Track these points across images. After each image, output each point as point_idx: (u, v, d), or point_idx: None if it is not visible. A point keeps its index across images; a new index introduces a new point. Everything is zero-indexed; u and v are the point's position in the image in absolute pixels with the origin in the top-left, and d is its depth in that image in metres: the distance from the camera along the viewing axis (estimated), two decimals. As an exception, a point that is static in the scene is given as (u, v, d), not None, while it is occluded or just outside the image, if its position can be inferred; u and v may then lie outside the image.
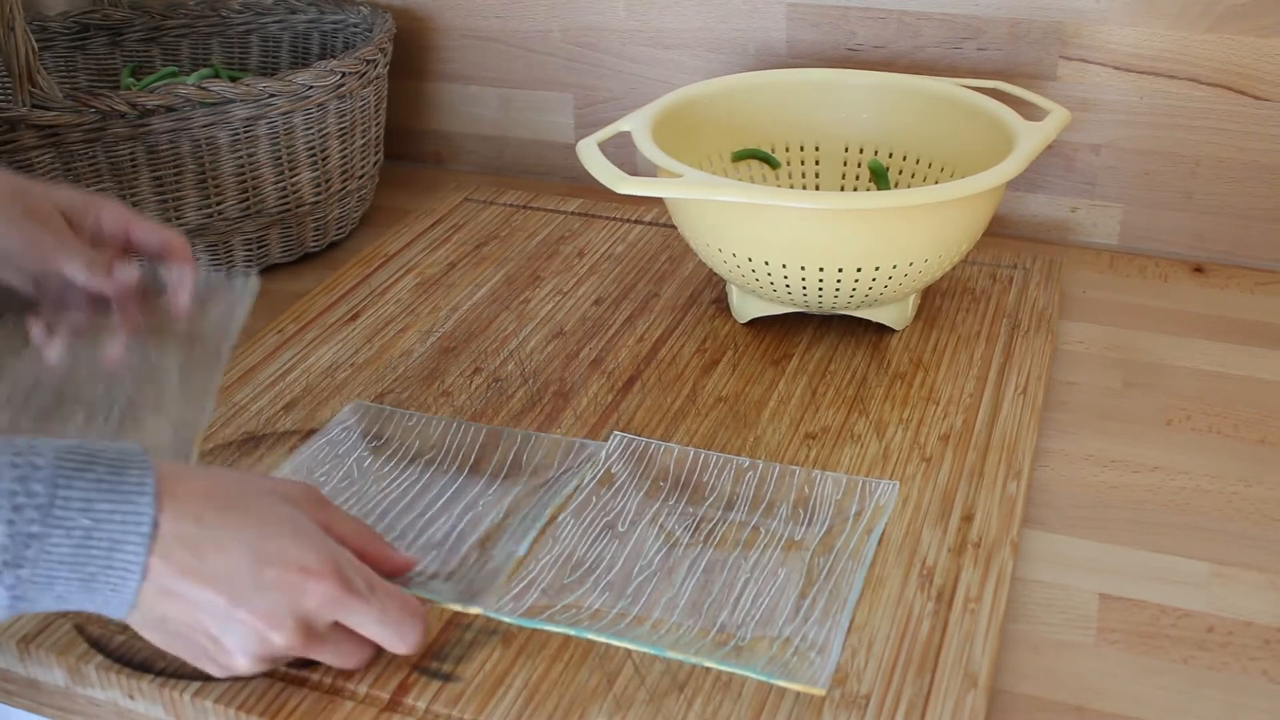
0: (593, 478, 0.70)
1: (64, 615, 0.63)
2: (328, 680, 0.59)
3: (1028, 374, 0.81)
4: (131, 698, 0.60)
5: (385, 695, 0.58)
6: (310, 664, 0.59)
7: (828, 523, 0.67)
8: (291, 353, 0.84)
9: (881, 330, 0.86)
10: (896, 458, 0.73)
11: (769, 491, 0.70)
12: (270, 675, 0.59)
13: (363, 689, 0.58)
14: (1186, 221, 1.00)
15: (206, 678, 0.59)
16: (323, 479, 0.71)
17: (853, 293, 0.79)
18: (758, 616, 0.61)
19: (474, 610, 0.61)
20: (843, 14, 1.02)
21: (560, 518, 0.67)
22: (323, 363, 0.83)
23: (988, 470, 0.72)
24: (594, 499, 0.69)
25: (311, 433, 0.75)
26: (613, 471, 0.71)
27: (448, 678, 0.59)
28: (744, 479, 0.70)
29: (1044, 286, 0.91)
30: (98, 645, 0.61)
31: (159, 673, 0.59)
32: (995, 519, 0.68)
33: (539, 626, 0.60)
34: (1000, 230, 1.04)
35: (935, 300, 0.90)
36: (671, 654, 0.58)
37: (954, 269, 0.93)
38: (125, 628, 0.62)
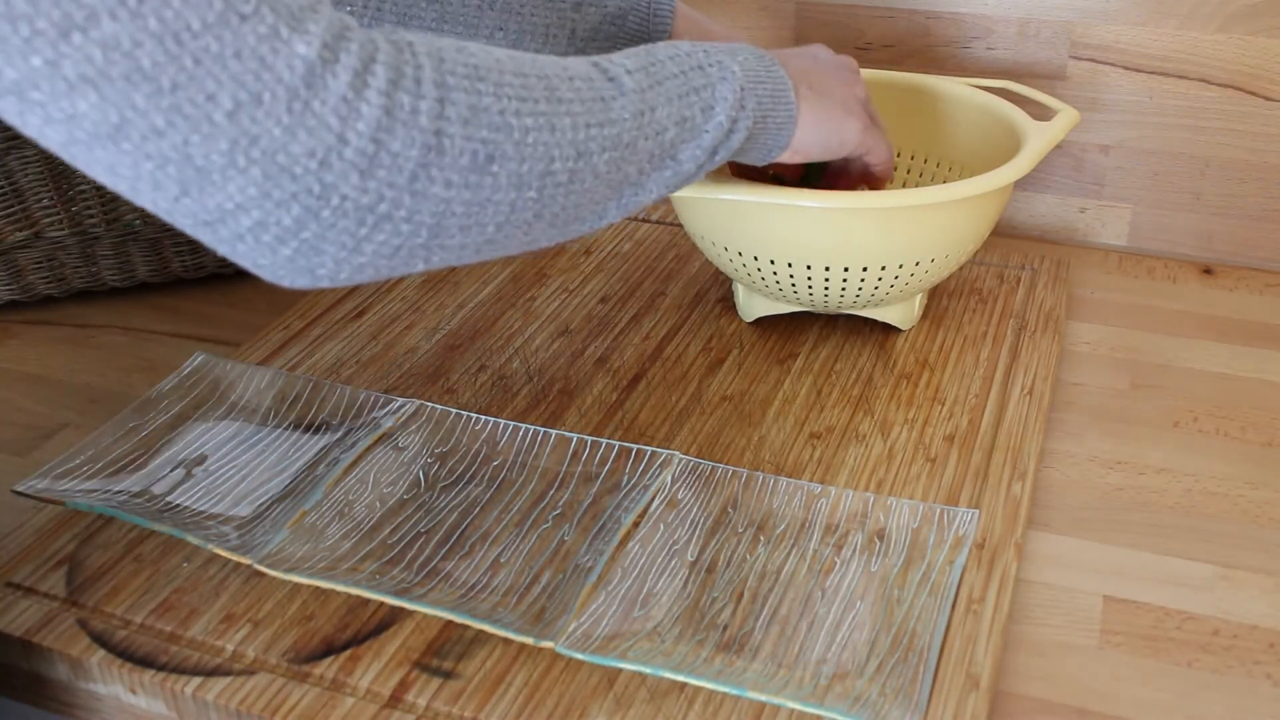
0: (660, 502, 0.68)
1: (65, 611, 0.63)
2: (329, 676, 0.59)
3: (1034, 375, 0.80)
4: (133, 692, 0.60)
5: (386, 692, 0.58)
6: (314, 659, 0.59)
7: (905, 553, 0.65)
8: (297, 349, 0.85)
9: (888, 330, 0.86)
10: (901, 458, 0.73)
11: (841, 520, 0.67)
12: (272, 671, 0.59)
13: (364, 685, 0.58)
14: (1195, 222, 0.99)
15: (207, 673, 0.59)
16: (389, 490, 0.70)
17: (859, 292, 0.79)
18: (838, 654, 0.59)
19: (545, 645, 0.59)
20: (852, 13, 1.02)
21: (629, 545, 0.65)
22: (328, 359, 0.83)
23: (993, 471, 0.71)
24: (661, 526, 0.66)
25: (325, 426, 0.75)
26: (679, 497, 0.69)
27: (448, 675, 0.59)
28: (815, 505, 0.68)
29: (1051, 287, 0.91)
30: (100, 640, 0.61)
31: (161, 667, 0.59)
32: (1000, 520, 0.67)
33: (612, 664, 0.57)
34: (1008, 230, 1.04)
35: (942, 300, 0.89)
36: (753, 695, 0.56)
37: (961, 269, 0.93)
38: (127, 623, 0.62)
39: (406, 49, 0.47)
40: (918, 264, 0.77)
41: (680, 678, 0.57)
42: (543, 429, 0.74)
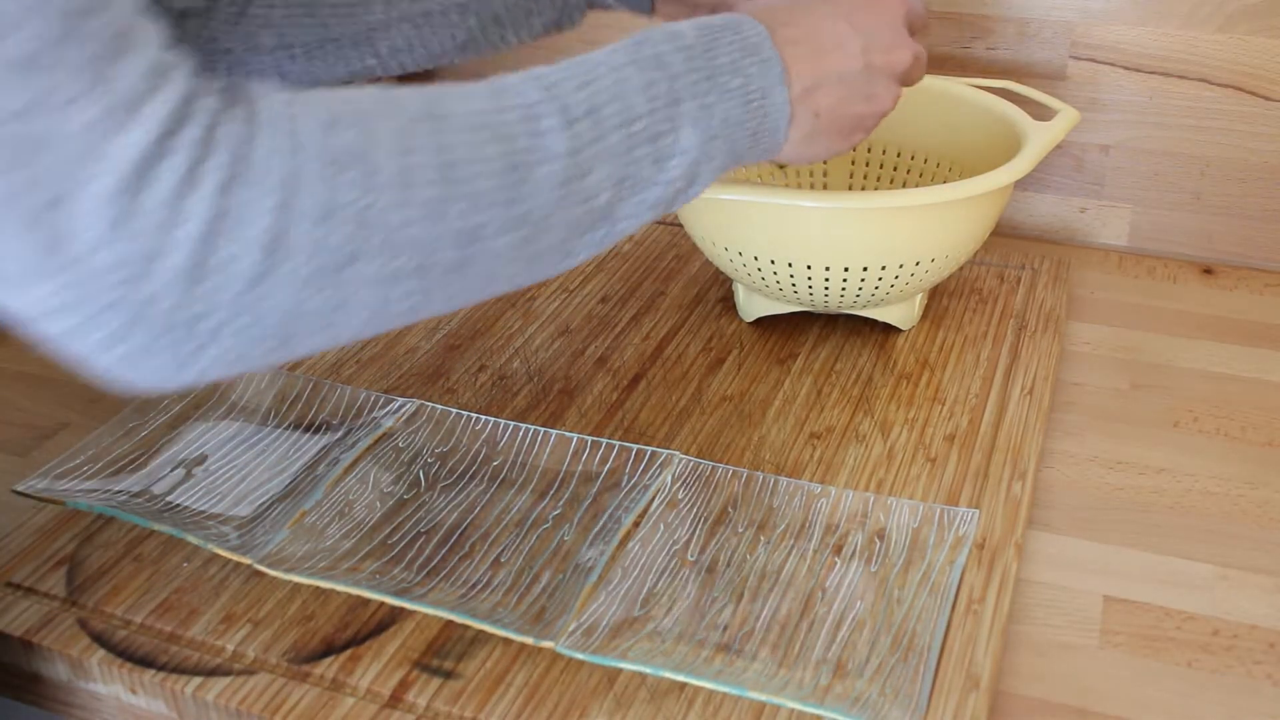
0: (660, 502, 0.68)
1: (66, 611, 0.63)
2: (329, 676, 0.59)
3: (1034, 375, 0.80)
4: (134, 692, 0.60)
5: (386, 692, 0.58)
6: (314, 659, 0.59)
7: (905, 554, 0.65)
8: (297, 349, 0.84)
9: (888, 330, 0.86)
10: (901, 458, 0.73)
11: (842, 520, 0.67)
12: (272, 671, 0.59)
13: (364, 685, 0.58)
14: (1196, 222, 0.99)
15: (207, 673, 0.59)
16: (389, 490, 0.70)
17: (859, 292, 0.79)
18: (838, 654, 0.59)
19: (545, 645, 0.59)
20: (852, 12, 1.02)
21: (629, 545, 0.65)
22: (328, 359, 0.83)
23: (993, 471, 0.71)
24: (661, 526, 0.66)
25: (325, 426, 0.75)
26: (679, 497, 0.69)
27: (449, 675, 0.59)
28: (815, 505, 0.68)
29: (1051, 287, 0.91)
30: (100, 640, 0.61)
31: (161, 667, 0.59)
32: (1000, 520, 0.67)
33: (613, 664, 0.58)
34: (1008, 230, 1.04)
35: (942, 300, 0.89)
36: (754, 694, 0.56)
37: (961, 269, 0.93)
38: (127, 623, 0.62)
39: (262, 130, 0.42)
40: (918, 264, 0.77)
41: (680, 677, 0.56)
42: (543, 429, 0.74)
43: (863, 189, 0.95)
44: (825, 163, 0.95)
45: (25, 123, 0.37)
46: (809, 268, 0.77)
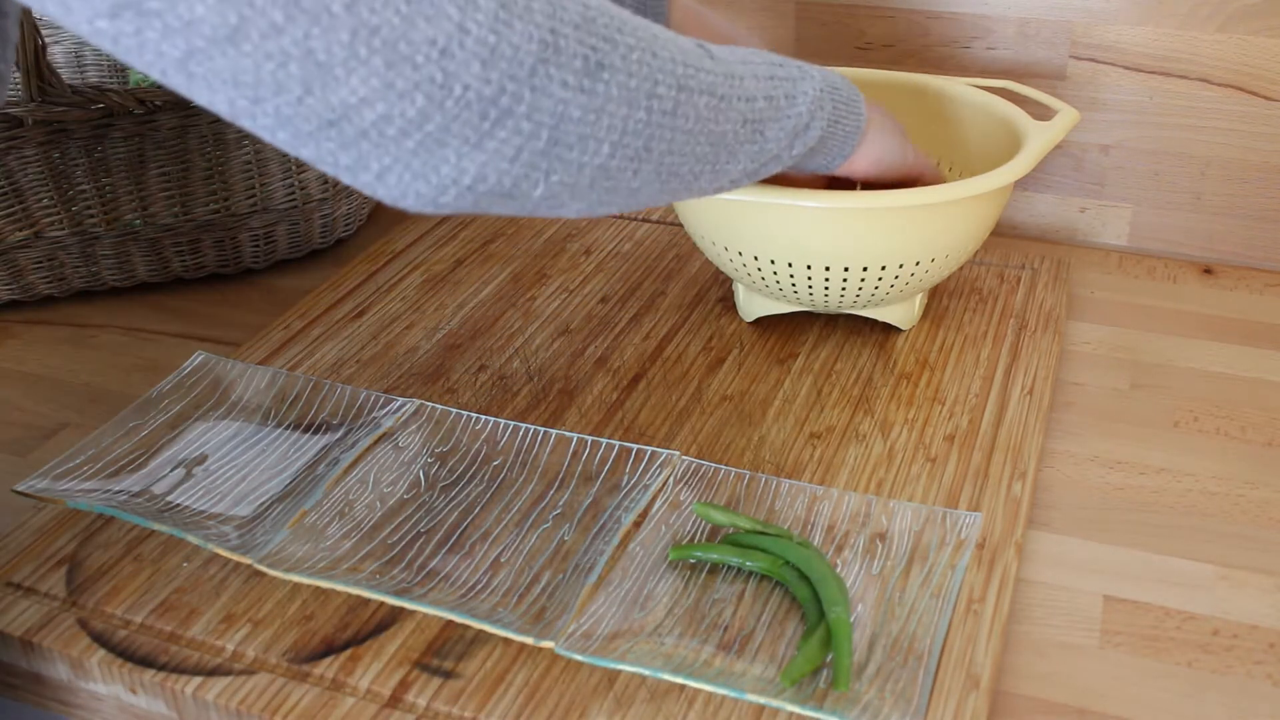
0: (661, 502, 0.68)
1: (66, 611, 0.63)
2: (329, 676, 0.59)
3: (1034, 375, 0.80)
4: (134, 692, 0.60)
5: (386, 692, 0.58)
6: (314, 659, 0.59)
7: (906, 556, 0.64)
8: (297, 349, 0.85)
9: (888, 330, 0.86)
10: (901, 458, 0.73)
11: (843, 522, 0.67)
12: (272, 671, 0.59)
13: (364, 685, 0.58)
14: (1196, 222, 0.99)
15: (207, 673, 0.59)
16: (389, 490, 0.70)
17: (859, 292, 0.79)
18: None
19: (545, 645, 0.59)
20: (851, 12, 1.02)
21: (629, 545, 0.65)
22: (328, 359, 0.83)
23: (993, 471, 0.71)
24: (662, 526, 0.66)
25: (326, 426, 0.75)
26: (680, 498, 0.68)
27: (449, 675, 0.59)
28: (816, 507, 0.68)
29: (1052, 287, 0.91)
30: (100, 640, 0.61)
31: (161, 667, 0.59)
32: (1000, 520, 0.67)
33: (612, 665, 0.57)
34: (1008, 230, 1.04)
35: (942, 300, 0.89)
36: (753, 697, 0.56)
37: (961, 269, 0.93)
38: (127, 623, 0.62)
39: None
40: (918, 264, 0.77)
41: (680, 680, 0.56)
42: (543, 429, 0.74)
43: (863, 189, 0.95)
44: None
45: None
46: (809, 268, 0.77)
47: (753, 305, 0.86)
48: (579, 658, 0.57)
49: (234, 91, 0.44)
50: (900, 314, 0.84)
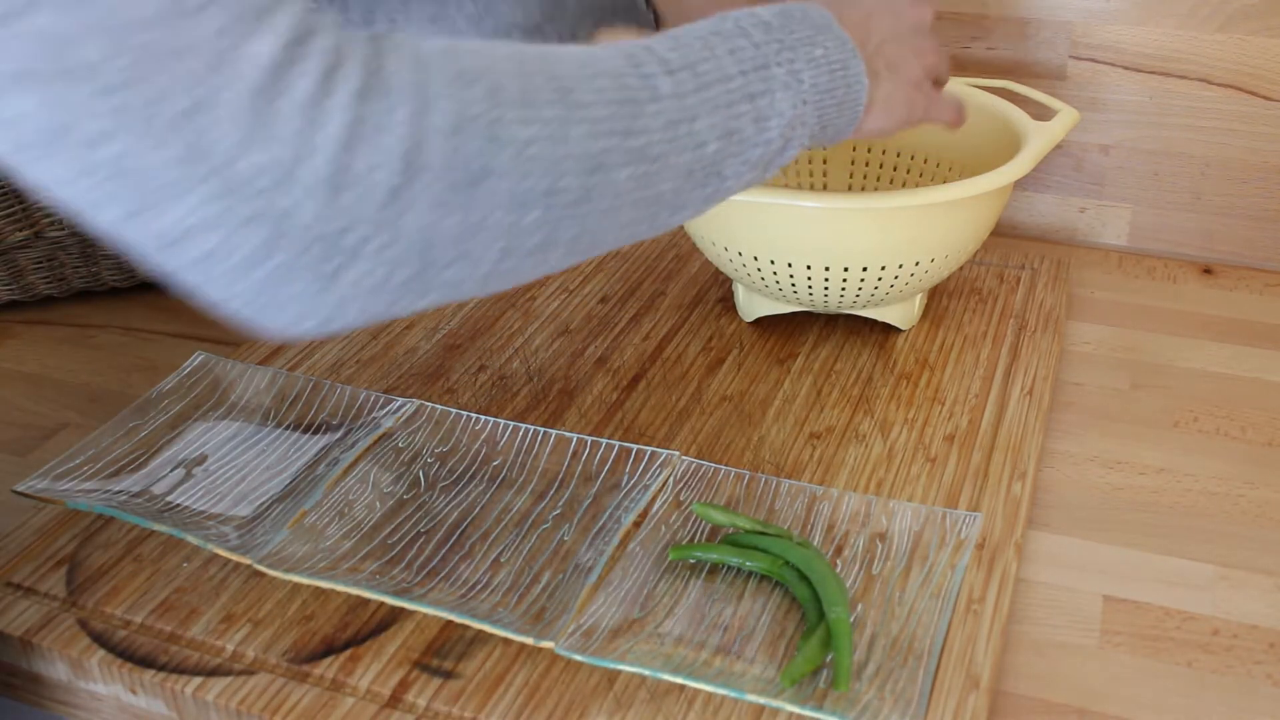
0: (661, 502, 0.68)
1: (66, 611, 0.63)
2: (329, 676, 0.59)
3: (1034, 375, 0.80)
4: (134, 692, 0.60)
5: (386, 692, 0.58)
6: (314, 659, 0.59)
7: (906, 557, 0.64)
8: (297, 349, 0.85)
9: (888, 330, 0.86)
10: (901, 458, 0.73)
11: (843, 522, 0.67)
12: (272, 671, 0.59)
13: (364, 685, 0.58)
14: (1195, 222, 0.99)
15: (207, 673, 0.59)
16: (389, 490, 0.70)
17: (859, 292, 0.79)
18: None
19: (545, 645, 0.58)
20: (851, 12, 1.02)
21: (629, 545, 0.65)
22: (328, 359, 0.83)
23: (993, 471, 0.71)
24: (663, 527, 0.66)
25: (326, 427, 0.75)
26: (680, 498, 0.68)
27: (448, 675, 0.59)
28: (817, 507, 0.68)
29: (1051, 287, 0.91)
30: (100, 640, 0.61)
31: (161, 667, 0.59)
32: (1000, 520, 0.67)
33: (611, 665, 0.57)
34: (1008, 230, 1.04)
35: (942, 300, 0.89)
36: (753, 697, 0.56)
37: (961, 269, 0.93)
38: (127, 623, 0.62)
39: (387, 50, 0.43)
40: (918, 264, 0.77)
41: (679, 679, 0.56)
42: (543, 429, 0.73)
43: (863, 189, 0.95)
44: (825, 162, 0.95)
45: (157, 30, 0.37)
46: (809, 268, 0.77)
47: (753, 305, 0.86)
48: (579, 658, 0.57)
49: (61, 192, 0.40)
50: (900, 314, 0.84)
